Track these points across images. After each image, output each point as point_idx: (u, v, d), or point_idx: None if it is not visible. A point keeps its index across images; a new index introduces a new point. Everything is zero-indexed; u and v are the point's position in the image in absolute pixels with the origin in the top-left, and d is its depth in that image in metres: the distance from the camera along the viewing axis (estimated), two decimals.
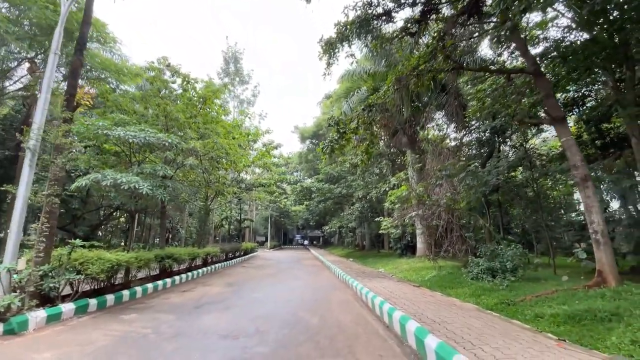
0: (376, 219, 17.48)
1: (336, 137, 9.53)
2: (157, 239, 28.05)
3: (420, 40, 13.69)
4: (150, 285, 9.27)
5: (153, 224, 20.19)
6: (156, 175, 8.66)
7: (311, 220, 43.10)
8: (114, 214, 18.31)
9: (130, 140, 8.35)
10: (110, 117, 9.95)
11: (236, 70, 27.62)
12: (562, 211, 18.11)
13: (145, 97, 11.06)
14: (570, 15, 10.92)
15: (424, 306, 5.97)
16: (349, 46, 11.31)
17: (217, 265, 16.19)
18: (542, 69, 9.59)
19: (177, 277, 11.22)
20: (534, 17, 13.61)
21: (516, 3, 6.84)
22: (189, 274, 12.33)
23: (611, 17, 9.42)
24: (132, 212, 9.81)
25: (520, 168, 15.85)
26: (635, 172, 11.16)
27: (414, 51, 13.45)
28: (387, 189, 15.53)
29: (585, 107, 15.19)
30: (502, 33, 7.42)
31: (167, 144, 8.63)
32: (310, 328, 5.43)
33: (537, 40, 11.64)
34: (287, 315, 6.34)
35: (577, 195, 20.50)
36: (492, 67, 9.83)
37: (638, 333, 4.25)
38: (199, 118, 11.39)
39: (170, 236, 28.00)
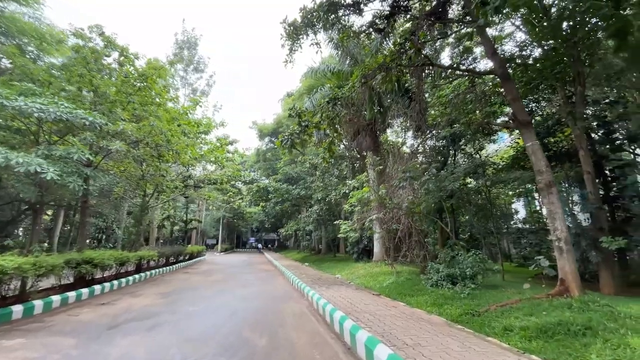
0: (335, 222, 16.80)
1: (298, 131, 8.61)
2: (90, 240, 24.62)
3: (386, 45, 13.49)
4: (56, 298, 7.43)
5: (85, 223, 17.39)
6: (69, 160, 6.92)
7: (267, 222, 41.42)
8: (28, 209, 15.35)
9: (37, 115, 6.57)
10: (16, 85, 7.94)
11: (191, 56, 25.35)
12: (502, 220, 19.08)
13: (67, 67, 9.09)
14: (526, 29, 11.32)
15: (389, 322, 5.23)
16: (314, 34, 10.52)
17: (153, 271, 14.20)
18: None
19: (97, 287, 9.34)
20: (491, 32, 14.14)
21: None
22: (115, 282, 10.44)
23: (564, 33, 9.76)
24: (33, 206, 7.83)
25: (470, 177, 16.29)
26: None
27: (381, 51, 13.20)
28: (346, 191, 14.93)
29: (533, 121, 16.13)
30: (473, 30, 7.11)
31: (87, 122, 6.96)
32: (256, 353, 4.37)
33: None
34: (229, 336, 5.18)
35: (514, 205, 21.96)
36: (462, 67, 9.60)
37: (619, 350, 3.91)
38: (136, 98, 9.65)
39: (103, 237, 24.68)
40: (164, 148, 10.40)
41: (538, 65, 9.99)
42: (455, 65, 10.11)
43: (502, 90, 13.34)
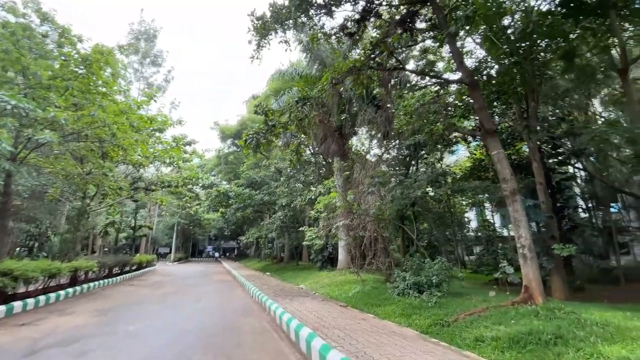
0: (299, 229, 16.22)
1: (264, 130, 8.02)
2: (20, 248, 21.34)
3: (355, 52, 13.47)
4: None
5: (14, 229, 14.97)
6: None
7: (226, 229, 39.47)
8: None
9: None
10: None
11: (148, 48, 23.42)
12: (457, 228, 19.88)
13: None
14: (485, 47, 11.87)
15: (362, 338, 4.79)
16: (284, 32, 10.06)
17: (92, 284, 12.50)
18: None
19: (17, 304, 7.84)
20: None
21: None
22: (42, 298, 8.90)
23: (520, 52, 10.32)
24: None
25: (431, 185, 16.75)
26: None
27: (350, 57, 13.12)
28: (312, 197, 14.49)
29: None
30: (444, 38, 7.16)
31: (8, 106, 5.79)
32: None
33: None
34: None
35: (467, 215, 23.09)
36: (431, 74, 9.70)
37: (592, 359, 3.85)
38: (75, 84, 8.37)
39: (36, 245, 21.63)
40: (108, 143, 9.15)
41: (498, 79, 10.47)
42: (426, 71, 10.19)
43: (464, 101, 13.98)
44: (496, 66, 11.69)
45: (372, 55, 8.12)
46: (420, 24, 11.17)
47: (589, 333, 4.39)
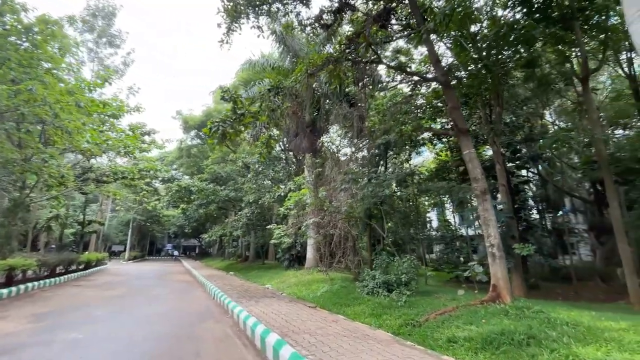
0: (267, 227, 15.60)
1: (232, 118, 7.39)
2: None
3: (330, 46, 13.16)
4: None
5: None
6: None
7: (187, 227, 37.41)
8: None
9: None
10: None
11: (105, 27, 21.19)
12: (421, 227, 20.43)
13: None
14: (454, 53, 12.11)
15: (335, 343, 4.43)
16: (256, 17, 9.46)
17: (31, 284, 11.01)
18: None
19: None
20: (424, 50, 15.02)
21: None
22: None
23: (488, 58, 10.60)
24: None
25: (399, 185, 16.97)
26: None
27: (325, 50, 12.79)
28: (281, 193, 13.97)
29: (450, 137, 17.63)
30: (422, 35, 7.03)
31: None
32: None
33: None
34: None
35: (429, 215, 23.90)
36: (408, 70, 9.62)
37: None
38: (14, 55, 7.15)
39: None
40: (50, 125, 7.96)
41: (468, 81, 10.71)
42: (403, 67, 10.11)
43: (433, 105, 14.24)
44: (464, 72, 11.97)
45: (351, 46, 7.83)
46: (395, 25, 11.16)
47: (561, 333, 4.39)
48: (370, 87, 14.07)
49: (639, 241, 9.80)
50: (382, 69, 16.80)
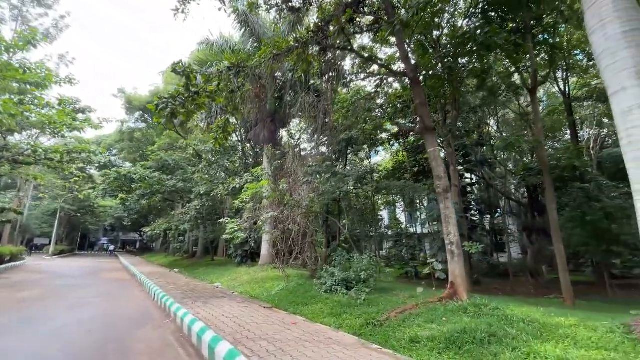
0: (219, 221, 14.55)
1: (184, 96, 6.49)
2: None
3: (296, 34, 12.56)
4: None
5: None
6: None
7: (127, 219, 34.00)
8: None
9: None
10: None
11: None
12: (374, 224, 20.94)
13: None
14: (416, 56, 12.32)
15: (296, 351, 3.95)
16: None
17: None
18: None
19: None
20: (388, 50, 15.16)
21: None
22: None
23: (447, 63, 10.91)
24: None
25: (359, 182, 17.07)
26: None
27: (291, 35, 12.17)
28: (236, 185, 13.06)
29: (406, 139, 18.23)
30: (394, 26, 6.83)
31: None
32: None
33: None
34: None
35: (380, 213, 24.70)
36: (379, 61, 9.42)
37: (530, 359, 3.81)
38: None
39: None
40: None
41: (431, 82, 10.94)
42: (373, 58, 9.90)
43: (395, 105, 14.39)
44: (426, 74, 12.25)
45: (319, 33, 7.38)
46: (365, 17, 10.95)
47: (519, 331, 4.43)
48: (334, 82, 13.78)
49: (569, 242, 10.86)
50: (346, 65, 16.65)
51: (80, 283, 12.34)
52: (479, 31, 8.26)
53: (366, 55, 13.20)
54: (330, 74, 12.76)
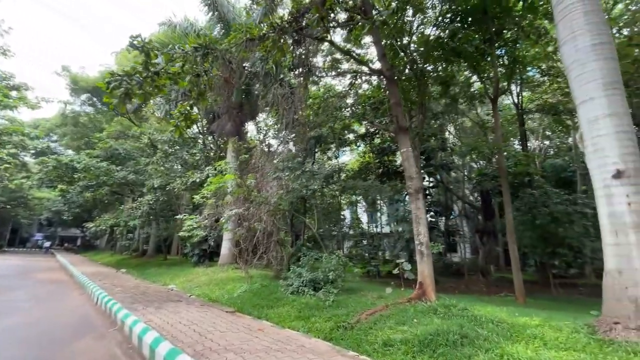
0: (175, 217, 13.49)
1: (142, 75, 5.74)
2: None
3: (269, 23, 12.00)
4: None
5: None
6: None
7: (67, 213, 30.51)
8: None
9: None
10: None
11: None
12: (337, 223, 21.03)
13: None
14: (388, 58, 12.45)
15: None
16: None
17: None
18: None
19: None
20: (359, 51, 15.19)
21: None
22: None
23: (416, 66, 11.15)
24: None
25: (327, 180, 16.94)
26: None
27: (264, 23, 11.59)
28: (197, 180, 12.18)
29: (372, 140, 18.53)
30: (374, 23, 6.69)
31: None
32: None
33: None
34: None
35: (343, 213, 24.97)
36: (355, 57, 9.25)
37: None
38: None
39: None
40: None
41: (402, 84, 11.08)
42: (351, 52, 9.73)
43: (364, 106, 14.42)
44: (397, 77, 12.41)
45: (294, 23, 7.01)
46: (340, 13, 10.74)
47: (490, 331, 4.47)
48: (306, 78, 13.46)
49: (520, 243, 11.62)
50: (318, 62, 16.38)
51: (8, 284, 10.68)
52: (453, 36, 8.44)
53: (344, 49, 13.09)
54: (302, 69, 12.44)
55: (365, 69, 10.42)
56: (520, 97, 16.28)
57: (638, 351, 3.20)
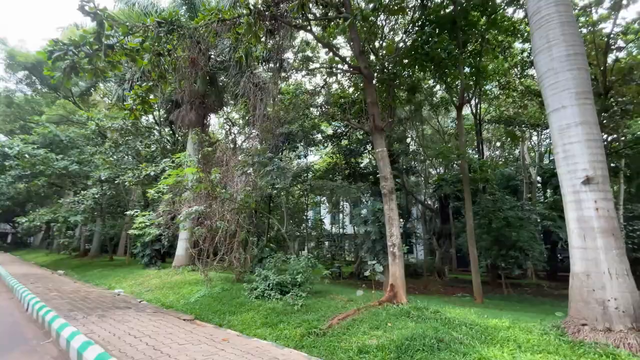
0: (125, 213, 12.21)
1: (93, 47, 4.94)
2: None
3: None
4: None
5: None
6: None
7: None
8: None
9: None
10: None
11: None
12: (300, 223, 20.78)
13: None
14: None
15: None
16: None
17: None
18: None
19: None
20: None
21: None
22: None
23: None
24: None
25: (295, 179, 16.56)
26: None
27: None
28: (151, 173, 11.10)
29: (341, 141, 18.57)
30: (354, 18, 6.51)
31: None
32: None
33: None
34: None
35: (306, 214, 24.87)
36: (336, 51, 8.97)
37: None
38: None
39: None
40: None
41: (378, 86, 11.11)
42: (330, 45, 9.44)
43: (337, 105, 14.28)
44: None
45: (271, 7, 6.59)
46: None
47: (464, 335, 4.44)
48: (277, 72, 13.00)
49: (476, 246, 12.21)
50: (289, 58, 15.93)
51: None
52: (427, 41, 8.56)
53: (303, 56, 12.77)
54: (273, 63, 11.95)
55: (342, 66, 10.22)
56: (478, 108, 17.28)
57: (610, 353, 3.29)
